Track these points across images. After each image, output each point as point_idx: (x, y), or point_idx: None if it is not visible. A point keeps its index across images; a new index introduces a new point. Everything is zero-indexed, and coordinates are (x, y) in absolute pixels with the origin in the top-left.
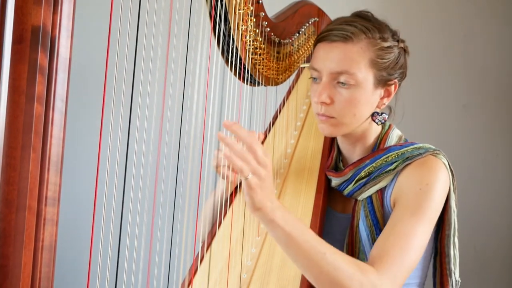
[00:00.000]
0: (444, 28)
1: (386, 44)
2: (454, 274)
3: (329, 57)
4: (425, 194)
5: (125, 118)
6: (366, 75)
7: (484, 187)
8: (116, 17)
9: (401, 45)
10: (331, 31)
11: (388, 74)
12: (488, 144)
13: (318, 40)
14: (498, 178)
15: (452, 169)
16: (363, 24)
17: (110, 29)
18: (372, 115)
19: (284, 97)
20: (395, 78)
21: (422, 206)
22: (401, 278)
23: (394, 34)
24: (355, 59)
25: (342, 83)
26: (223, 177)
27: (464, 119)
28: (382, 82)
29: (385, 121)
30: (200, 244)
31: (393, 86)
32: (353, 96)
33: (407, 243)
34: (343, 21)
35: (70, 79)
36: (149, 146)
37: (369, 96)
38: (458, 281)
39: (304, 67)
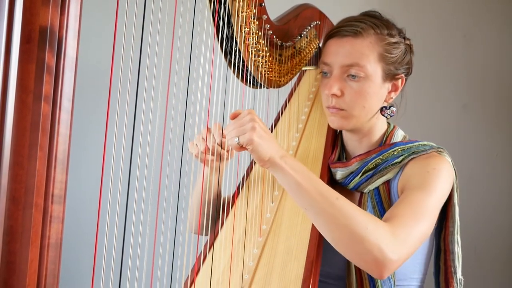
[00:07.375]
0: (445, 28)
1: (393, 40)
2: (458, 272)
3: (340, 51)
4: (433, 175)
5: (130, 119)
6: (375, 68)
7: (484, 187)
8: (121, 19)
9: (407, 42)
10: (341, 27)
11: (395, 69)
12: (488, 144)
13: (328, 37)
14: (498, 178)
15: (455, 168)
16: (372, 21)
17: (116, 30)
18: (381, 109)
19: (286, 100)
20: (402, 73)
21: (431, 184)
22: (412, 242)
23: (400, 32)
24: (364, 52)
25: (353, 75)
26: (201, 161)
27: (464, 119)
28: (390, 76)
29: (394, 114)
30: (199, 242)
31: (400, 81)
32: (363, 88)
33: (419, 211)
34: (352, 19)
35: (77, 79)
36: (153, 146)
37: (378, 89)
38: (461, 279)
39: (306, 69)
